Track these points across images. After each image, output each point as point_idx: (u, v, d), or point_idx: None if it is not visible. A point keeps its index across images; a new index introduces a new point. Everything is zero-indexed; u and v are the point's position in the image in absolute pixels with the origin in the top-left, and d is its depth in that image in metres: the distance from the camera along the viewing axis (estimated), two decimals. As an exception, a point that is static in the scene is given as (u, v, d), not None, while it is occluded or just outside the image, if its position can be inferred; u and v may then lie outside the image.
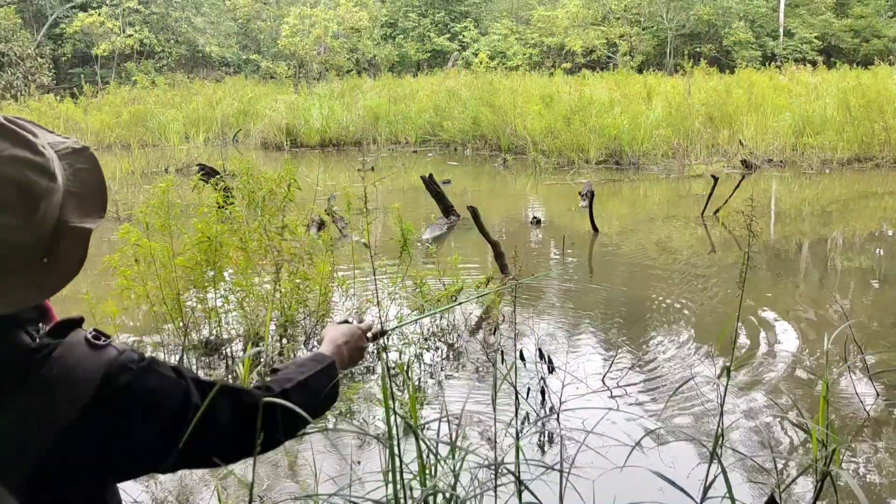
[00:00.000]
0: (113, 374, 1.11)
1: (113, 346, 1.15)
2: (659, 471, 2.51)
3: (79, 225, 1.13)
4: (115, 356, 1.13)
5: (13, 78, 27.36)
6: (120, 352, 1.15)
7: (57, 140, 1.18)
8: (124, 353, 1.15)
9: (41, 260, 1.10)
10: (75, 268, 1.14)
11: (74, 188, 1.15)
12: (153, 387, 1.15)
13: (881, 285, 6.41)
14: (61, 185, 1.11)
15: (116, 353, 1.14)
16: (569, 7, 34.28)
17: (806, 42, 32.84)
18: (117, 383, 1.11)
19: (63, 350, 1.10)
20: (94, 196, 1.18)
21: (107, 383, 1.10)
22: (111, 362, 1.12)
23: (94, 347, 1.13)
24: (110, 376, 1.11)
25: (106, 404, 1.10)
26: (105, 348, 1.14)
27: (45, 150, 1.10)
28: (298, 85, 25.90)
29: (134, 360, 1.15)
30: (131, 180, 13.19)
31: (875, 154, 13.37)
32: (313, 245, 4.96)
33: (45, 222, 1.08)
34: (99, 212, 1.17)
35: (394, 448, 2.30)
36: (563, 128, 14.56)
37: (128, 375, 1.13)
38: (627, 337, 5.12)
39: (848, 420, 3.86)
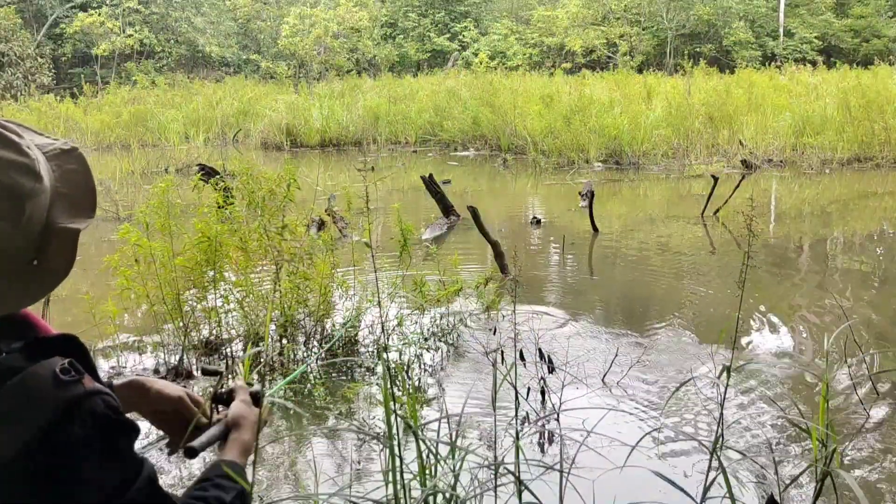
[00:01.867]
0: (68, 416, 1.02)
1: (82, 384, 1.04)
2: (659, 471, 2.51)
3: (68, 226, 1.11)
4: (80, 396, 1.03)
5: (13, 78, 27.37)
6: (88, 393, 1.04)
7: (45, 141, 1.16)
8: (93, 397, 1.04)
9: (31, 262, 1.08)
10: (65, 269, 1.12)
11: (63, 189, 1.13)
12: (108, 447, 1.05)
13: (881, 285, 6.41)
14: (48, 186, 1.10)
15: (83, 393, 1.04)
16: (569, 7, 34.29)
17: (806, 42, 32.85)
18: (68, 428, 1.02)
19: (23, 379, 1.02)
20: (84, 196, 1.15)
21: (57, 425, 1.01)
22: (71, 402, 1.02)
23: (59, 384, 1.02)
24: (64, 418, 1.02)
25: (49, 448, 1.00)
26: (72, 385, 1.03)
27: (31, 150, 1.09)
28: (298, 85, 25.90)
29: (98, 409, 1.04)
30: (131, 180, 13.19)
31: (875, 154, 13.37)
32: (313, 245, 4.96)
33: (32, 224, 1.07)
34: (88, 212, 1.15)
35: (394, 448, 2.30)
36: (563, 128, 14.56)
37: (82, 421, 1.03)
38: (627, 337, 5.12)
39: (848, 420, 3.86)
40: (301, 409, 4.04)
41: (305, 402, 4.16)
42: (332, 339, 4.82)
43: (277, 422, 4.05)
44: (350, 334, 4.83)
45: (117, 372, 4.65)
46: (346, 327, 4.79)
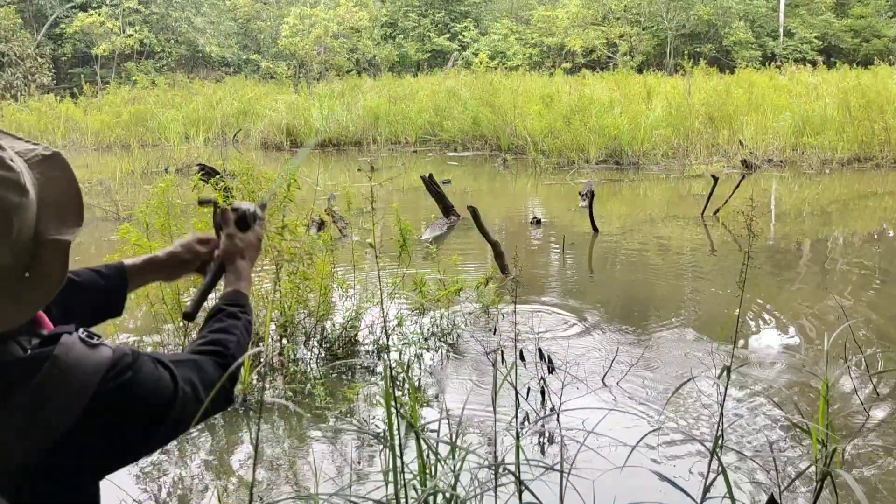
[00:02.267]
0: (112, 372, 1.12)
1: (105, 345, 1.15)
2: (659, 471, 2.51)
3: (58, 238, 1.10)
4: (111, 355, 1.13)
5: (13, 78, 27.37)
6: (113, 350, 1.15)
7: (25, 147, 1.15)
8: (117, 350, 1.15)
9: (23, 276, 1.08)
10: (58, 280, 1.12)
11: (49, 198, 1.12)
12: (147, 383, 1.16)
13: (881, 285, 6.41)
14: (34, 198, 1.08)
15: (111, 351, 1.14)
16: (569, 7, 34.29)
17: (806, 42, 32.85)
18: (116, 382, 1.12)
19: (60, 351, 1.08)
20: (70, 204, 1.15)
21: (106, 382, 1.10)
22: (109, 361, 1.12)
23: (91, 346, 1.12)
24: (109, 376, 1.11)
25: (106, 403, 1.10)
26: (100, 346, 1.13)
27: (14, 162, 1.07)
28: (298, 85, 25.90)
29: (128, 357, 1.15)
30: (131, 180, 13.19)
31: (875, 154, 13.37)
32: (313, 245, 4.96)
33: (21, 238, 1.06)
34: (76, 220, 1.14)
35: (394, 448, 2.30)
36: (563, 128, 14.56)
37: (125, 374, 1.13)
38: (627, 337, 5.12)
39: (848, 420, 3.86)
40: (301, 409, 4.04)
41: (305, 402, 4.16)
42: (332, 339, 4.82)
43: (277, 422, 4.05)
44: (350, 334, 4.83)
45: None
46: (345, 328, 4.80)
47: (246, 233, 1.61)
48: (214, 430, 3.90)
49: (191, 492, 3.35)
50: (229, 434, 3.90)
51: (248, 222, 1.62)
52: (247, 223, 1.62)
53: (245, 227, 1.62)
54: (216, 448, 3.77)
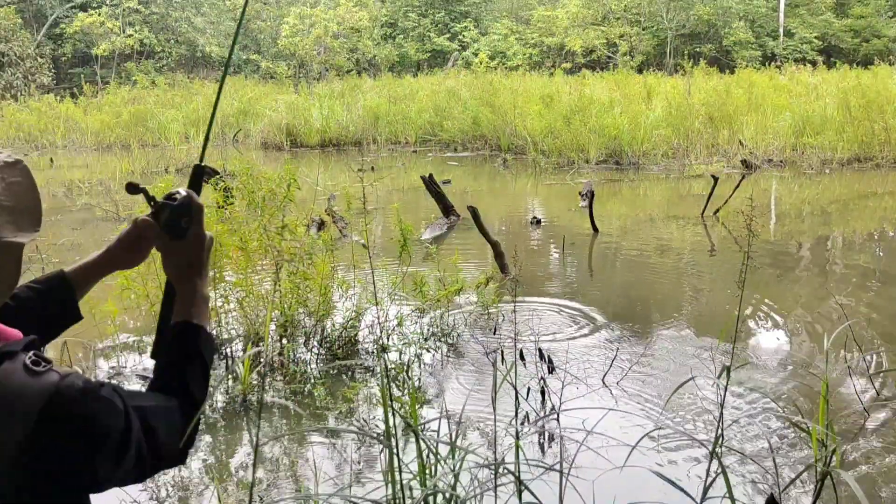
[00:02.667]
0: (54, 402, 1.06)
1: (54, 371, 1.09)
2: (659, 471, 2.51)
3: (11, 240, 1.10)
4: (56, 382, 1.08)
5: (13, 78, 27.37)
6: (62, 377, 1.09)
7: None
8: (66, 378, 1.09)
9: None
10: (10, 283, 1.10)
11: (7, 202, 1.11)
12: (95, 415, 1.09)
13: (881, 285, 6.41)
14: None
15: (58, 378, 1.08)
16: (569, 7, 34.28)
17: (806, 42, 32.84)
18: (59, 411, 1.06)
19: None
20: (28, 210, 1.14)
21: (48, 412, 1.06)
22: (52, 389, 1.07)
23: (33, 374, 1.07)
24: (51, 404, 1.06)
25: (48, 433, 1.05)
26: (45, 374, 1.08)
27: None
28: (298, 85, 25.89)
29: (76, 386, 1.09)
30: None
31: (875, 154, 13.37)
32: (313, 245, 4.96)
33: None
34: (34, 225, 1.14)
35: (394, 448, 2.30)
36: (563, 128, 14.56)
37: (69, 403, 1.07)
38: (627, 337, 5.11)
39: (848, 420, 3.86)
40: (301, 409, 4.04)
41: (305, 402, 4.16)
42: (332, 339, 4.82)
43: (278, 422, 4.05)
44: (350, 334, 4.83)
45: (117, 372, 4.65)
46: (346, 327, 4.80)
47: (181, 240, 1.33)
48: (214, 430, 3.90)
49: (191, 492, 3.35)
50: (229, 434, 3.90)
51: (182, 226, 1.31)
52: (180, 228, 1.31)
53: (178, 232, 1.32)
54: (216, 448, 3.77)
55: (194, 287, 1.34)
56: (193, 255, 1.34)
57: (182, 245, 1.33)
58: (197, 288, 1.34)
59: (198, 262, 1.34)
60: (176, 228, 1.31)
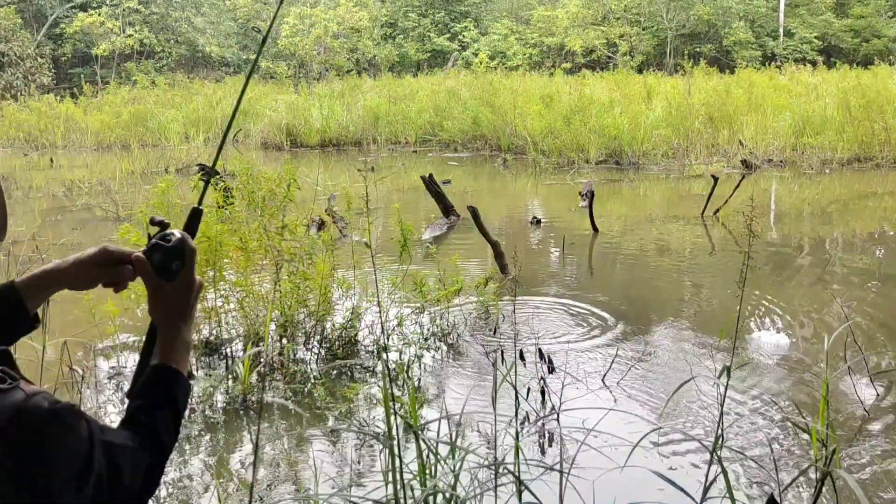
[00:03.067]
0: (16, 421, 1.03)
1: (21, 390, 1.06)
2: (659, 471, 2.51)
3: None
4: (22, 401, 1.04)
5: (13, 78, 27.36)
6: (28, 396, 1.05)
7: None
8: (33, 398, 1.05)
9: None
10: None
11: None
12: (57, 437, 1.05)
13: (881, 285, 6.41)
14: None
15: (24, 397, 1.05)
16: (569, 7, 34.27)
17: (806, 42, 32.83)
18: (21, 431, 1.03)
19: None
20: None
21: (7, 432, 1.02)
22: (16, 407, 1.03)
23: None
24: (14, 423, 1.03)
25: (7, 454, 1.02)
26: (11, 391, 1.05)
27: None
28: (298, 85, 25.89)
29: (41, 408, 1.05)
30: (131, 180, 13.19)
31: (875, 154, 13.37)
32: (313, 245, 4.96)
33: None
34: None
35: (394, 448, 2.30)
36: (563, 128, 14.56)
37: (32, 424, 1.04)
38: (627, 337, 5.11)
39: (848, 420, 3.86)
40: (301, 409, 4.04)
41: (305, 402, 4.16)
42: (332, 339, 4.82)
43: (278, 422, 4.05)
44: (350, 334, 4.83)
45: (117, 372, 4.65)
46: (345, 327, 4.79)
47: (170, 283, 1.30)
48: (214, 430, 3.90)
49: (191, 492, 3.35)
50: (229, 434, 3.90)
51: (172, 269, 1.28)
52: (170, 271, 1.28)
53: (168, 275, 1.28)
54: (216, 448, 3.77)
55: (177, 331, 1.31)
56: (181, 298, 1.31)
57: (170, 288, 1.30)
58: (180, 332, 1.31)
59: (184, 307, 1.31)
60: (166, 271, 1.28)
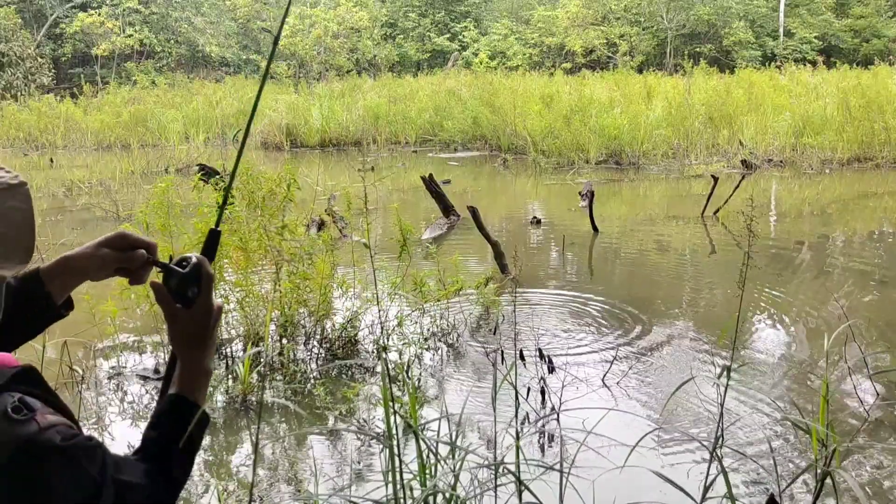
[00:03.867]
0: (24, 453, 1.01)
1: (35, 421, 1.03)
2: (659, 471, 2.51)
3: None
4: (33, 433, 1.02)
5: (13, 78, 27.35)
6: (40, 429, 1.03)
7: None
8: (45, 431, 1.03)
9: None
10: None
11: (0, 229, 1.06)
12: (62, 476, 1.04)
13: (881, 285, 6.41)
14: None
15: (36, 429, 1.03)
16: (569, 7, 34.28)
17: (806, 42, 32.84)
18: (26, 465, 1.01)
19: None
20: (20, 238, 1.08)
21: (14, 462, 1.01)
22: (26, 440, 1.02)
23: (11, 421, 1.02)
24: (21, 455, 1.01)
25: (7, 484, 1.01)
26: (25, 423, 1.03)
27: None
28: (298, 85, 25.90)
29: (51, 443, 1.03)
30: (131, 180, 13.19)
31: (875, 154, 13.37)
32: (313, 245, 4.96)
33: None
34: (22, 256, 1.08)
35: (394, 448, 2.30)
36: (563, 128, 14.56)
37: (36, 459, 1.02)
38: (627, 337, 5.11)
39: (848, 420, 3.86)
40: (301, 409, 4.04)
41: (305, 402, 4.16)
42: (332, 339, 4.82)
43: (278, 422, 4.05)
44: (350, 334, 4.83)
45: (117, 372, 4.65)
46: (345, 327, 4.79)
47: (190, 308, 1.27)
48: (214, 430, 3.90)
49: (191, 492, 3.35)
50: (229, 434, 3.90)
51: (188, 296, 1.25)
52: (186, 298, 1.25)
53: (185, 302, 1.26)
54: (216, 448, 3.77)
55: (196, 359, 1.28)
56: (199, 326, 1.27)
57: (188, 314, 1.27)
58: (199, 361, 1.28)
59: (202, 334, 1.28)
60: (183, 297, 1.25)
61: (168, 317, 1.28)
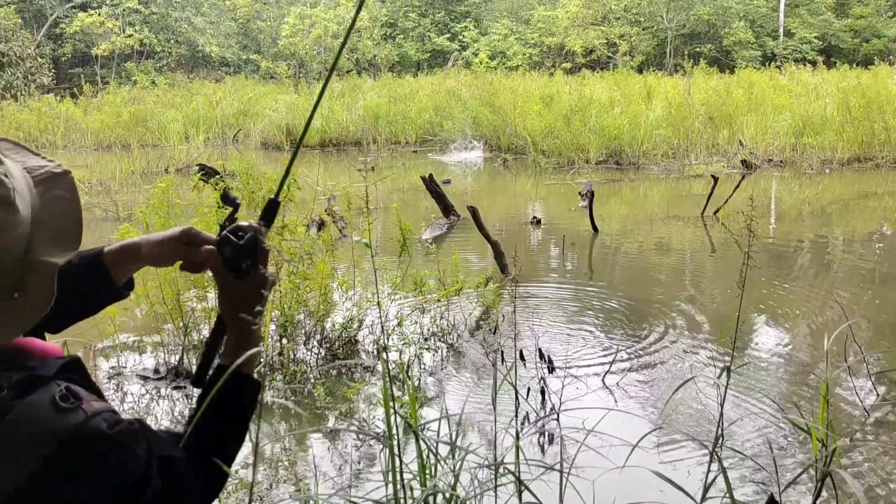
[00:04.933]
0: (71, 442, 1.02)
1: (82, 409, 1.04)
2: (659, 471, 2.51)
3: (46, 260, 1.05)
4: (81, 422, 1.03)
5: (13, 78, 27.34)
6: (88, 417, 1.04)
7: (36, 164, 1.10)
8: (92, 419, 1.04)
9: (12, 296, 1.03)
10: (44, 304, 1.05)
11: (46, 218, 1.06)
12: (108, 464, 1.04)
13: (881, 285, 6.41)
14: (26, 216, 1.04)
15: (84, 417, 1.03)
16: (569, 7, 34.27)
17: (806, 42, 32.83)
18: (74, 454, 1.02)
19: (20, 412, 1.01)
20: (68, 227, 1.09)
21: (62, 452, 1.01)
22: (74, 429, 1.02)
23: (59, 410, 1.02)
24: (68, 445, 1.01)
25: (57, 474, 1.01)
26: (72, 411, 1.03)
27: (7, 179, 1.02)
28: (298, 85, 25.89)
29: (98, 429, 1.04)
30: (131, 180, 13.19)
31: (875, 154, 13.37)
32: (313, 245, 4.96)
33: (7, 258, 1.01)
34: (72, 244, 1.08)
35: (394, 448, 2.30)
36: (563, 128, 14.56)
37: (84, 445, 1.02)
38: (627, 337, 5.11)
39: (848, 420, 3.86)
40: (301, 409, 4.04)
41: (305, 402, 4.16)
42: (332, 339, 4.82)
43: (278, 422, 4.05)
44: (350, 334, 4.83)
45: (117, 372, 4.65)
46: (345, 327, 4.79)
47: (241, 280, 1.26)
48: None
49: (191, 492, 3.34)
50: (229, 434, 3.89)
51: (242, 268, 1.23)
52: (240, 269, 1.23)
53: (238, 273, 1.24)
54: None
55: (247, 330, 1.27)
56: (250, 297, 1.26)
57: (240, 286, 1.26)
58: (250, 331, 1.28)
59: (253, 305, 1.26)
60: (236, 268, 1.24)
61: (220, 286, 1.28)
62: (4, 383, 1.03)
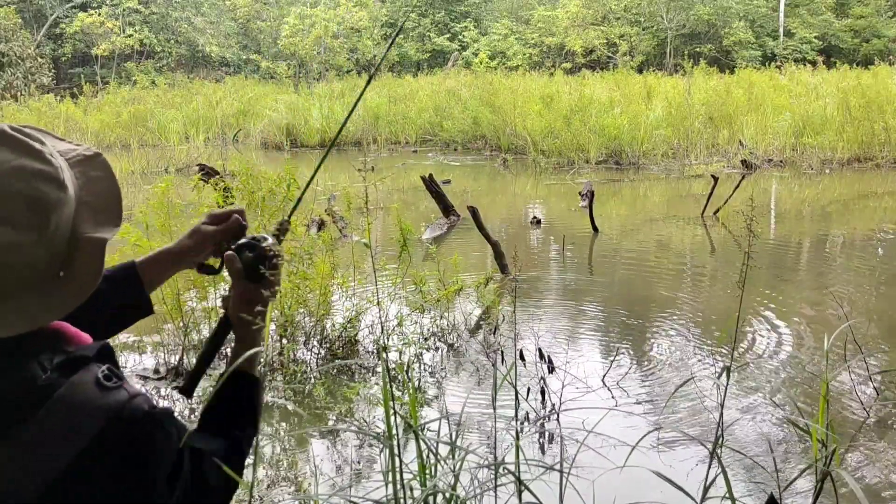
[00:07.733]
0: (117, 420, 1.05)
1: (124, 389, 1.07)
2: (659, 471, 2.51)
3: (94, 235, 1.07)
4: (124, 401, 1.06)
5: (13, 78, 27.35)
6: (131, 396, 1.07)
7: (67, 147, 1.13)
8: (134, 399, 1.08)
9: (57, 275, 1.05)
10: (93, 280, 1.08)
11: (88, 197, 1.09)
12: (153, 443, 1.09)
13: (881, 285, 6.41)
14: (73, 195, 1.06)
15: (126, 397, 1.07)
16: (569, 7, 34.27)
17: (806, 42, 32.82)
18: (117, 432, 1.05)
19: (67, 391, 1.03)
20: (109, 204, 1.12)
21: (109, 430, 1.04)
22: (120, 406, 1.05)
23: (103, 389, 1.05)
24: (114, 423, 1.04)
25: (103, 451, 1.04)
26: (115, 390, 1.06)
27: (54, 158, 1.05)
28: (298, 85, 25.89)
29: (142, 410, 1.08)
30: (131, 180, 13.19)
31: (875, 154, 13.37)
32: (313, 245, 4.96)
33: (58, 235, 1.04)
34: (115, 220, 1.12)
35: (394, 448, 2.30)
36: (563, 128, 14.56)
37: (130, 425, 1.06)
38: (627, 337, 5.11)
39: (848, 420, 3.86)
40: (301, 409, 4.04)
41: (305, 402, 4.16)
42: (332, 339, 4.82)
43: (278, 422, 4.05)
44: (350, 334, 4.83)
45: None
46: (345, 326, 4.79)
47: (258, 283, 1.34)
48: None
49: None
50: (229, 434, 3.89)
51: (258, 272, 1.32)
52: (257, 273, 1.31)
53: (255, 277, 1.32)
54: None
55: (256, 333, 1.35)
56: (260, 301, 1.35)
57: (253, 288, 1.35)
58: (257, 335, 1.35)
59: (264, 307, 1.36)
60: (254, 272, 1.32)
61: (236, 288, 1.36)
62: (48, 364, 1.05)
